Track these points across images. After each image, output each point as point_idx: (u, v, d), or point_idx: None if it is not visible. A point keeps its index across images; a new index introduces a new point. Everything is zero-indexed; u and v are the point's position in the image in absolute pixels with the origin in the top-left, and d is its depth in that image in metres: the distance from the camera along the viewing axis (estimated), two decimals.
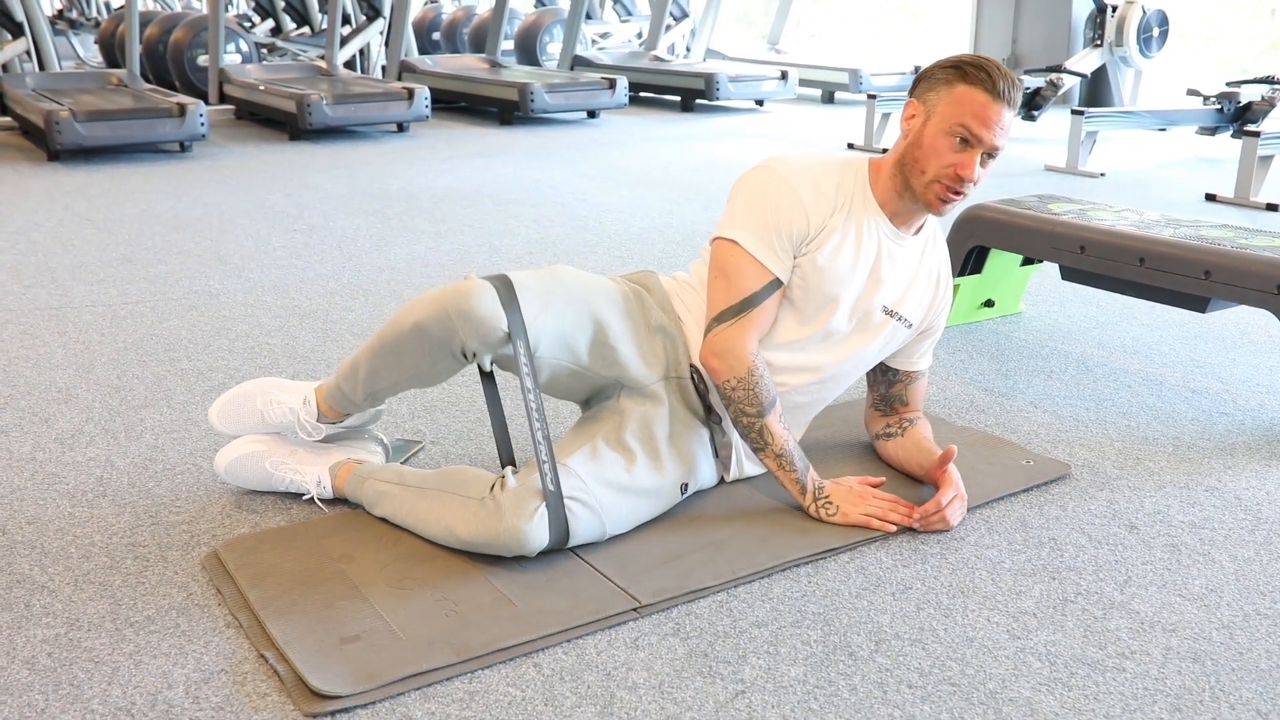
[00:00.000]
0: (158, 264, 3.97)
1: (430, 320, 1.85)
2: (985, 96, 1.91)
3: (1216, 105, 6.57)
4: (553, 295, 1.90)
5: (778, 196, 2.00)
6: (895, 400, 2.29)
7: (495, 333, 1.83)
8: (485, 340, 1.84)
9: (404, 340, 1.90)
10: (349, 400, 2.06)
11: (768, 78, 9.14)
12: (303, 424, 2.08)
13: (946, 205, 2.00)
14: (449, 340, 1.86)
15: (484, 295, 1.82)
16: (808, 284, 2.03)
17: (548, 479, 1.83)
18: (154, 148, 6.49)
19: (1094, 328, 3.33)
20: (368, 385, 2.01)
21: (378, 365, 1.98)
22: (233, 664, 1.60)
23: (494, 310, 1.82)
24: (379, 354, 1.96)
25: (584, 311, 1.94)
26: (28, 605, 1.75)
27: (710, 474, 2.13)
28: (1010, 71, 1.94)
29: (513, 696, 1.54)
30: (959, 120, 1.92)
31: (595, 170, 6.14)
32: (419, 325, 1.86)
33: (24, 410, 2.57)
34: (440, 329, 1.85)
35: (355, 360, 2.01)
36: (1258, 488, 2.24)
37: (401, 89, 7.31)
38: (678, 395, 2.06)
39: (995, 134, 1.93)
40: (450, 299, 1.83)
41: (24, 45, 8.32)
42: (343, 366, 2.05)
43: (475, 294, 1.82)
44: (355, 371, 2.01)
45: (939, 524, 2.00)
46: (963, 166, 1.94)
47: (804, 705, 1.53)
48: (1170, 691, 1.57)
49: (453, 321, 1.83)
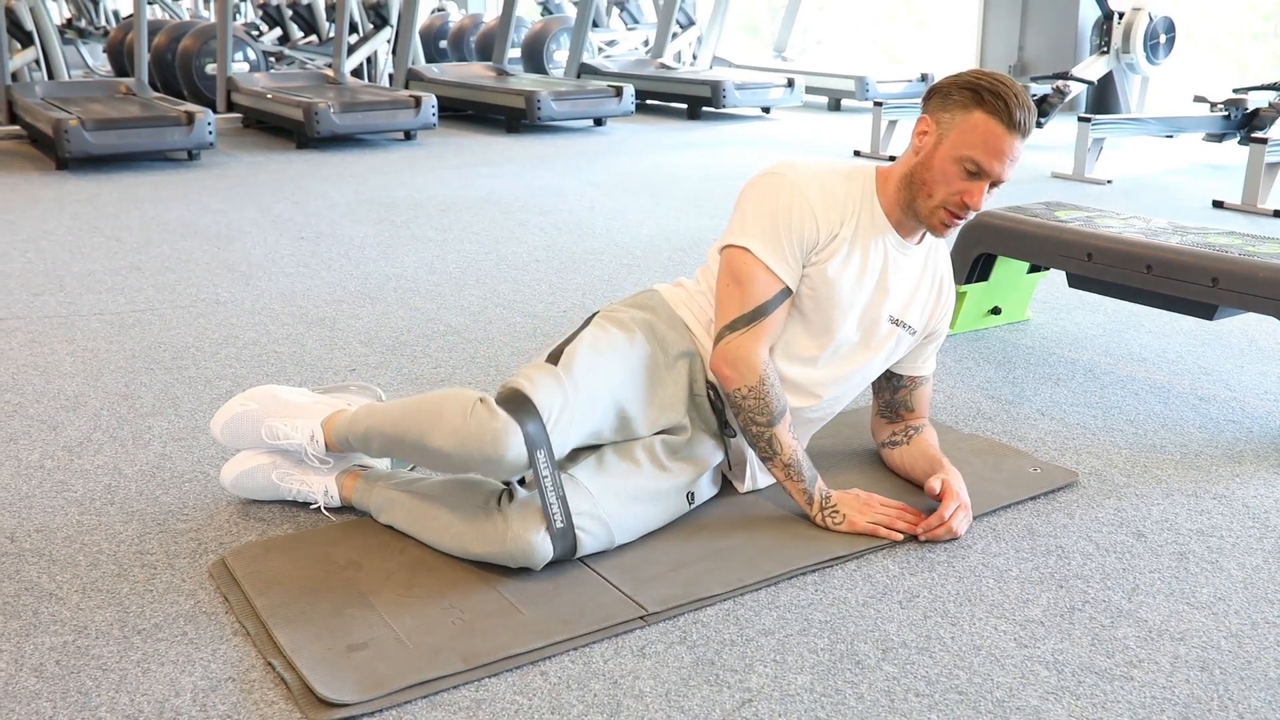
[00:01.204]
0: (166, 272, 3.98)
1: (453, 453, 1.81)
2: (1000, 129, 1.88)
3: (1224, 112, 6.56)
4: (573, 402, 1.86)
5: (789, 204, 1.99)
6: (900, 406, 2.29)
7: (521, 469, 1.81)
8: (510, 474, 1.85)
9: (424, 453, 1.87)
10: (357, 450, 2.05)
11: (774, 85, 9.14)
12: (311, 458, 2.06)
13: (949, 230, 2.01)
14: (471, 470, 1.85)
15: (511, 443, 1.76)
16: (817, 295, 2.03)
17: (556, 519, 1.82)
18: (162, 156, 6.51)
19: (1101, 335, 3.32)
20: (381, 454, 2.02)
21: (394, 451, 1.96)
22: (240, 672, 1.60)
23: (519, 455, 1.77)
24: (397, 446, 1.93)
25: (607, 403, 1.93)
26: (36, 613, 1.76)
27: (711, 486, 2.13)
28: (1027, 98, 1.91)
29: (520, 705, 1.54)
30: (970, 152, 1.90)
31: (602, 178, 6.15)
32: (441, 452, 1.82)
33: (32, 418, 2.58)
34: (464, 463, 1.82)
35: (369, 432, 1.96)
36: (1266, 495, 2.24)
37: (409, 97, 7.33)
38: (696, 417, 2.06)
39: (1005, 167, 1.92)
40: (475, 444, 1.77)
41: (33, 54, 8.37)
42: (355, 427, 1.99)
43: (502, 443, 1.76)
44: (368, 441, 1.98)
45: (944, 535, 2.00)
46: (969, 195, 1.94)
47: (811, 714, 1.53)
48: (1178, 700, 1.57)
49: (477, 464, 1.81)
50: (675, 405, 2.03)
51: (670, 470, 1.99)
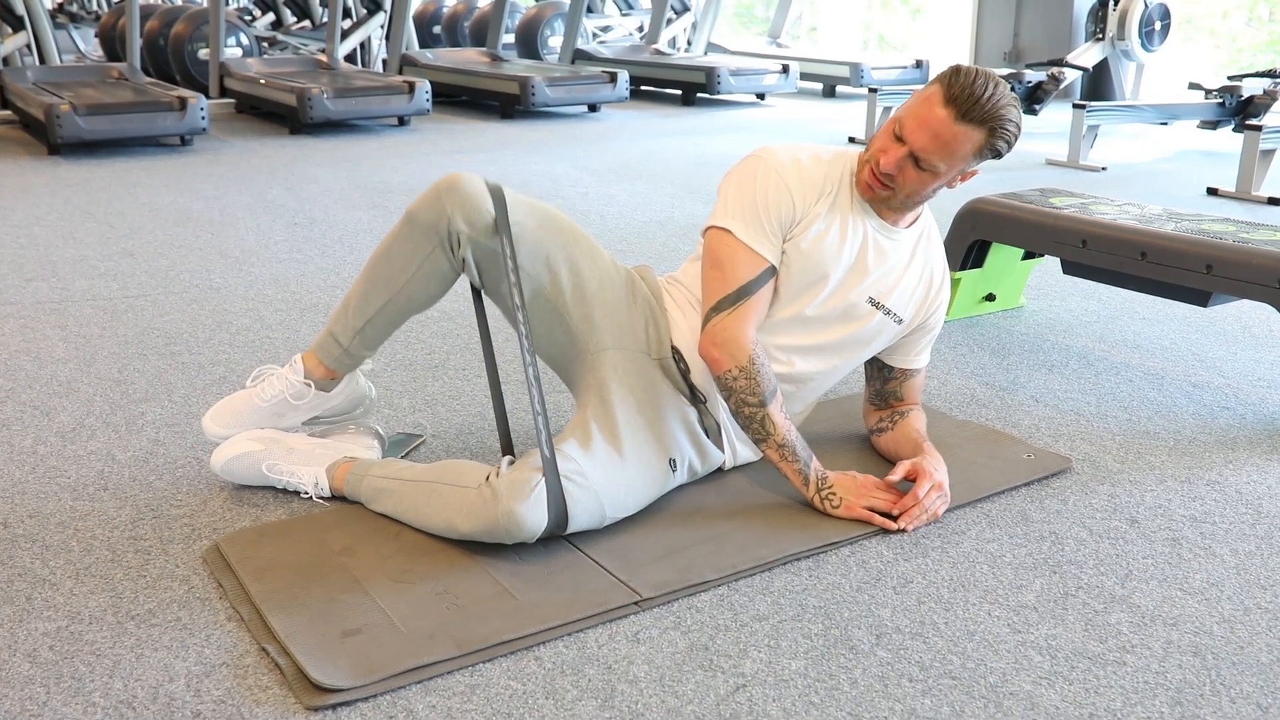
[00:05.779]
0: (159, 258, 3.97)
1: (420, 205, 1.96)
2: (938, 100, 1.88)
3: (1218, 99, 6.56)
4: (540, 213, 2.02)
5: (764, 182, 2.02)
6: (890, 396, 2.29)
7: (482, 214, 1.92)
8: (472, 221, 1.92)
9: (394, 239, 1.99)
10: (339, 346, 2.08)
11: (769, 71, 9.13)
12: (292, 385, 2.09)
13: (873, 194, 2.01)
14: (437, 223, 1.93)
15: (473, 178, 1.95)
16: (791, 269, 2.04)
17: (543, 441, 1.83)
18: (155, 141, 6.48)
19: (1095, 322, 3.32)
20: (359, 314, 2.05)
21: (368, 286, 2.04)
22: (234, 657, 1.60)
23: (481, 190, 1.94)
24: (370, 270, 2.04)
25: (566, 244, 2.04)
26: (29, 599, 1.76)
27: (698, 452, 2.12)
28: (989, 89, 1.86)
29: (514, 689, 1.54)
30: (903, 114, 1.94)
31: (596, 164, 6.13)
32: (409, 213, 1.97)
33: (25, 404, 2.57)
34: (429, 212, 1.94)
35: (347, 295, 2.08)
36: (1259, 482, 2.24)
37: (402, 83, 7.30)
38: (661, 372, 2.07)
39: (925, 138, 1.89)
40: (441, 181, 1.96)
41: (24, 39, 8.31)
42: (333, 311, 2.10)
43: (465, 176, 1.95)
44: (346, 306, 2.07)
45: (921, 516, 2.00)
46: (885, 154, 1.94)
47: (805, 699, 1.53)
48: (1171, 685, 1.57)
49: (441, 199, 1.93)
50: (633, 329, 2.06)
51: (651, 434, 1.99)
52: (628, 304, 2.07)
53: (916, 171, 1.94)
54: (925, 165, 1.92)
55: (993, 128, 1.89)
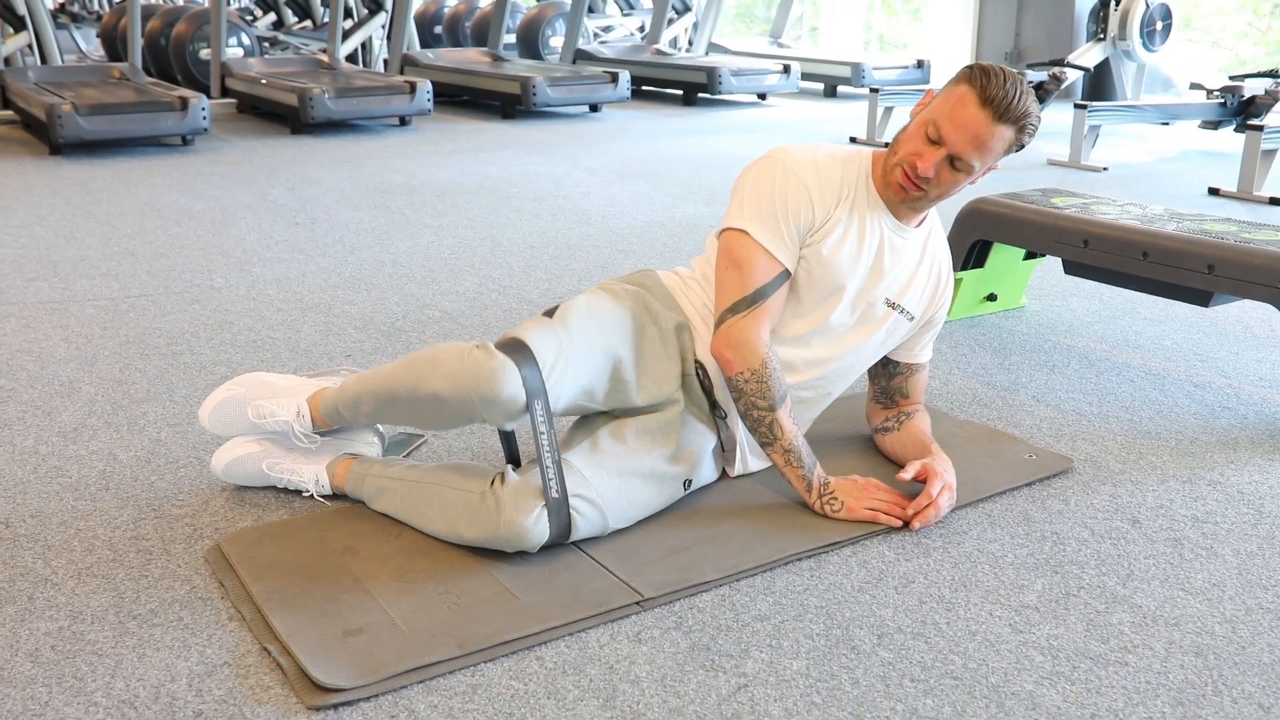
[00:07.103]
0: (160, 258, 3.97)
1: (450, 396, 1.81)
2: (973, 102, 1.89)
3: (1220, 99, 6.55)
4: (569, 352, 1.86)
5: (784, 186, 2.00)
6: (895, 393, 2.29)
7: (518, 413, 1.80)
8: (507, 417, 1.82)
9: (419, 404, 1.87)
10: (346, 421, 2.04)
11: (770, 71, 9.13)
12: (298, 435, 2.05)
13: (906, 196, 2.00)
14: (468, 414, 1.83)
15: (508, 380, 1.76)
16: (811, 274, 2.03)
17: (552, 487, 1.82)
18: (156, 141, 6.48)
19: (1097, 322, 3.32)
20: (370, 419, 2.01)
21: (385, 411, 1.96)
22: (236, 657, 1.60)
23: (517, 393, 1.77)
24: (388, 404, 1.93)
25: (601, 357, 1.92)
26: (31, 598, 1.76)
27: (712, 471, 2.13)
28: (1017, 88, 1.89)
29: (515, 689, 1.54)
30: (936, 116, 1.92)
31: (597, 164, 6.13)
32: (437, 396, 1.82)
33: (27, 404, 2.58)
34: (460, 405, 1.81)
35: (359, 396, 1.97)
36: (1260, 482, 2.24)
37: (403, 83, 7.31)
38: (688, 396, 2.06)
39: (964, 140, 1.90)
40: (472, 383, 1.77)
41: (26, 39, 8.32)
42: (344, 393, 2.00)
43: (499, 379, 1.76)
44: (357, 405, 1.97)
45: (933, 516, 2.00)
46: (921, 158, 1.93)
47: (806, 699, 1.53)
48: (1172, 685, 1.57)
49: (474, 404, 1.79)
50: (669, 378, 2.02)
51: (663, 450, 1.98)
52: (661, 348, 2.03)
53: (951, 172, 1.95)
54: (961, 166, 1.94)
55: (1022, 125, 1.92)
